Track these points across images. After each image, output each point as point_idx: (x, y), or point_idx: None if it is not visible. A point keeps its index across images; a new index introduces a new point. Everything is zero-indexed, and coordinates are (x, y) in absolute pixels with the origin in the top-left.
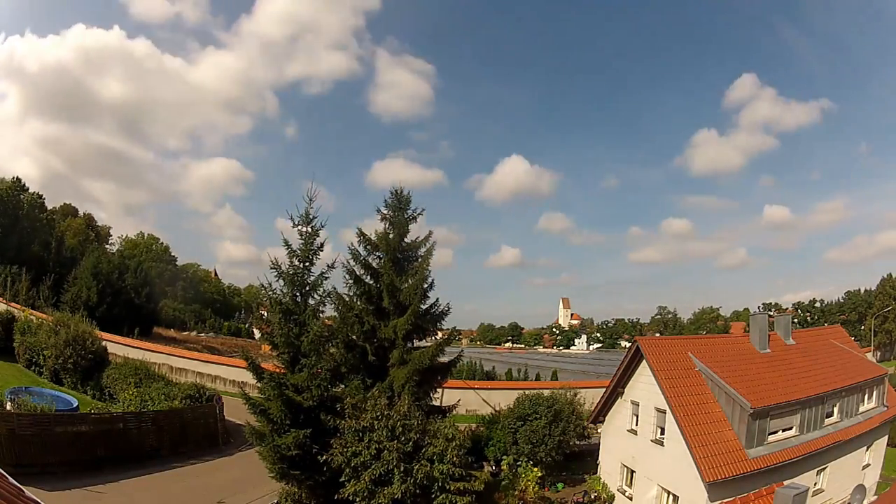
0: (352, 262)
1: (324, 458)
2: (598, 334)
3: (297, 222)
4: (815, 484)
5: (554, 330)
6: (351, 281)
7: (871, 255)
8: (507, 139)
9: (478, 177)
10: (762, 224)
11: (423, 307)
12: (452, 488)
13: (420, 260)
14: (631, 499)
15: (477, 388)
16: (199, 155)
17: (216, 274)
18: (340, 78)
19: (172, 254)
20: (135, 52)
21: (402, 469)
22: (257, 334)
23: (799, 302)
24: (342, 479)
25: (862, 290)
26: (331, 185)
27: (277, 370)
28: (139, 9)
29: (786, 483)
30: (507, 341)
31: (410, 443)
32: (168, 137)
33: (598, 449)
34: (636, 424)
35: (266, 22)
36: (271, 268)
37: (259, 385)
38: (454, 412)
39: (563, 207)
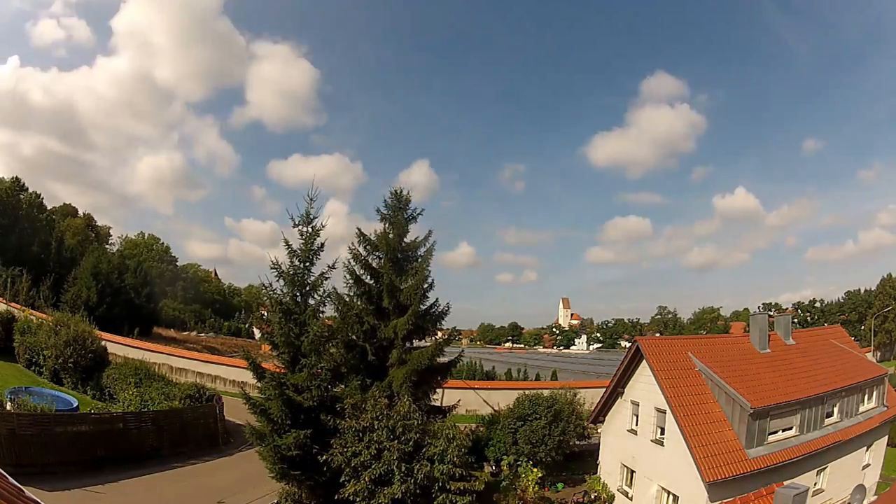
0: (352, 262)
1: (324, 458)
2: (598, 334)
3: (297, 222)
4: (815, 484)
5: (554, 330)
6: (351, 281)
7: (852, 253)
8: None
9: (392, 177)
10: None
11: (423, 307)
12: (453, 488)
13: (420, 260)
14: (631, 499)
15: (477, 388)
16: (143, 158)
17: (216, 274)
18: (217, 77)
19: (173, 254)
20: (42, 71)
21: (402, 469)
22: (257, 334)
23: (799, 302)
24: (342, 479)
25: (862, 290)
26: (264, 182)
27: (278, 370)
28: (38, 39)
29: (786, 483)
30: (507, 341)
31: (411, 443)
32: (107, 142)
33: (598, 449)
34: (636, 424)
35: (125, 30)
36: (271, 268)
37: (259, 385)
38: (454, 412)
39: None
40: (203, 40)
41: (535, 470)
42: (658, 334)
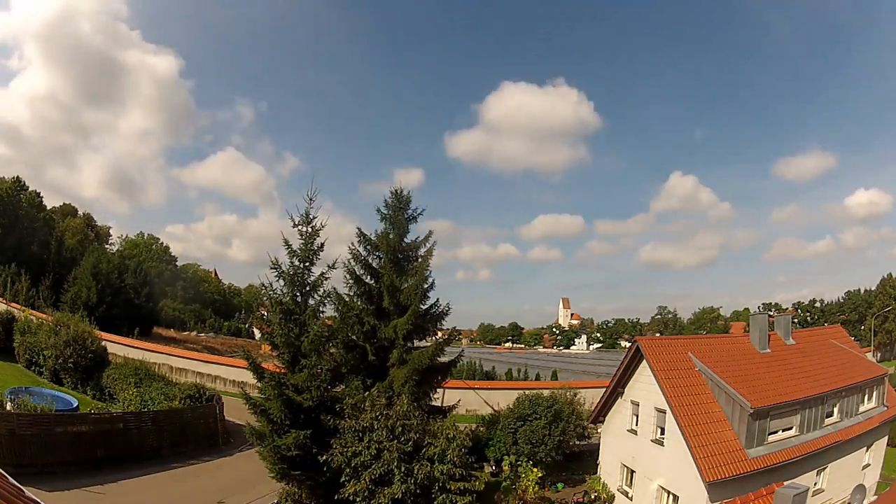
0: (352, 262)
1: (324, 458)
2: (598, 334)
3: (297, 222)
4: (815, 484)
5: (554, 330)
6: (351, 281)
7: (831, 250)
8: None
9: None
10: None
11: (424, 307)
12: (453, 488)
13: (420, 260)
14: (631, 498)
15: (477, 388)
16: (85, 165)
17: (216, 274)
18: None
19: (172, 254)
20: None
21: (402, 469)
22: (257, 334)
23: (799, 302)
24: (342, 480)
25: (862, 290)
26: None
27: (278, 370)
28: None
29: (786, 483)
30: (507, 341)
31: (411, 443)
32: (47, 149)
33: (598, 449)
34: (636, 424)
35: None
36: (271, 268)
37: (259, 385)
38: (454, 412)
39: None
40: (67, 52)
41: (535, 470)
42: (658, 334)
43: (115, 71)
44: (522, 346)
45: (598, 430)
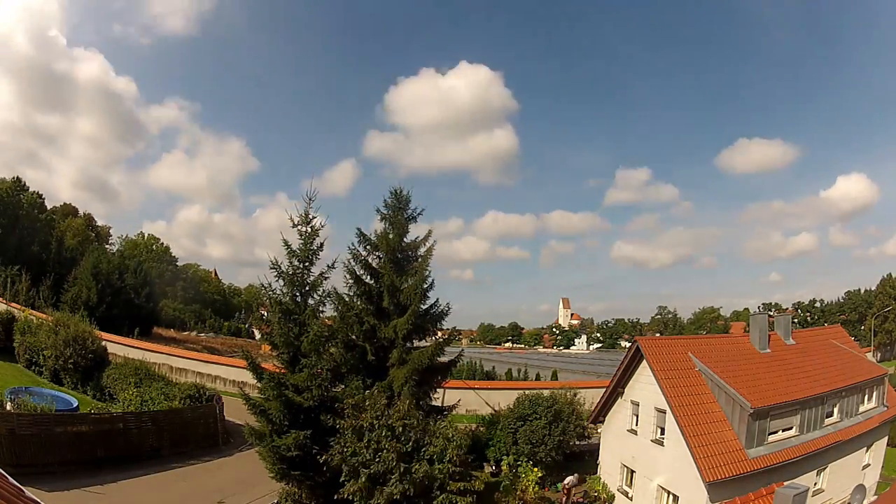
0: (352, 262)
1: (323, 458)
2: (598, 334)
3: (296, 222)
4: (815, 484)
5: (554, 330)
6: (351, 281)
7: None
8: None
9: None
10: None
11: (423, 307)
12: (452, 488)
13: (420, 260)
14: (631, 498)
15: (477, 388)
16: (56, 170)
17: (216, 274)
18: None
19: (172, 254)
20: None
21: (401, 469)
22: (257, 334)
23: (799, 302)
24: (342, 479)
25: (862, 290)
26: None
27: (277, 370)
28: None
29: (786, 483)
30: (507, 341)
31: (410, 442)
32: (20, 153)
33: (598, 449)
34: (636, 424)
35: None
36: (271, 268)
37: (259, 385)
38: (454, 412)
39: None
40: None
41: (535, 470)
42: (658, 334)
43: (54, 79)
44: (522, 346)
45: (598, 430)
